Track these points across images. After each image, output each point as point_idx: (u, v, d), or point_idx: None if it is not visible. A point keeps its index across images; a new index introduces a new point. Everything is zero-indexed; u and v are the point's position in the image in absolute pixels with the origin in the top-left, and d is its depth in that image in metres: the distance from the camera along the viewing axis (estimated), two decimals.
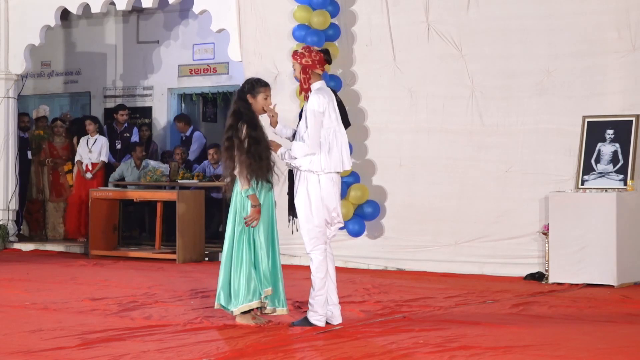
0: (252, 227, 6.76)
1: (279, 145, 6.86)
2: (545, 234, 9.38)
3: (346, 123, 7.09)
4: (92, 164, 13.39)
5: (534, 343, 6.10)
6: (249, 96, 6.90)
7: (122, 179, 13.06)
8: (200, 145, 13.97)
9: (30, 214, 13.99)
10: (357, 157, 10.78)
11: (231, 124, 6.84)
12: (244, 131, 6.75)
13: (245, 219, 6.73)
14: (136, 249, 12.50)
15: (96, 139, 13.47)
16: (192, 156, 13.66)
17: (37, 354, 5.82)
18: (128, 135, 13.90)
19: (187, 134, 14.11)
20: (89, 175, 13.34)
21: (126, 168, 13.13)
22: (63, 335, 6.41)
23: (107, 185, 13.14)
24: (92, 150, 13.42)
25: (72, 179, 13.54)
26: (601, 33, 9.58)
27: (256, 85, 6.97)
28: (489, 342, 6.10)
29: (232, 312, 6.79)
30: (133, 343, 6.16)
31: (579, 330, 6.64)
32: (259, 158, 6.74)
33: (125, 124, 14.02)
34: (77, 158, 13.43)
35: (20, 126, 13.58)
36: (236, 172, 6.74)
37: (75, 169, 13.52)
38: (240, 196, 6.78)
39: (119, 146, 13.89)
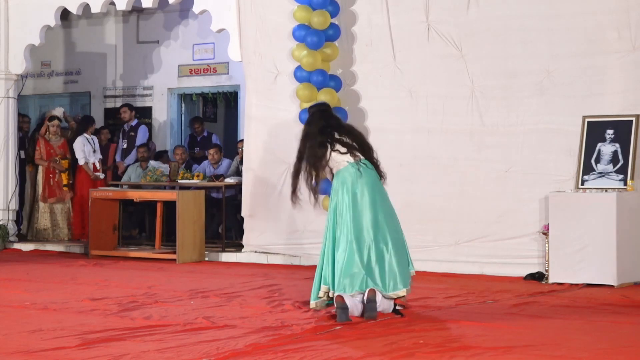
0: None
1: None
2: (545, 234, 9.38)
3: None
4: (99, 162, 13.49)
5: (534, 343, 6.10)
6: None
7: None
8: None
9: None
10: None
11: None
12: None
13: None
14: (136, 249, 12.50)
15: (94, 139, 13.56)
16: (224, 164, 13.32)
17: (37, 354, 5.82)
18: (134, 134, 13.95)
19: (205, 134, 14.23)
20: (102, 175, 13.41)
21: (133, 171, 13.23)
22: (63, 335, 6.41)
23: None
24: (96, 149, 13.51)
25: (67, 179, 13.49)
26: (601, 33, 9.57)
27: None
28: (489, 342, 6.10)
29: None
30: (133, 343, 6.16)
31: (579, 330, 6.64)
32: None
33: (133, 123, 14.06)
34: (80, 160, 13.40)
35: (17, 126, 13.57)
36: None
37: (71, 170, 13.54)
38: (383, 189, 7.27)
39: (125, 145, 13.94)
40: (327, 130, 7.25)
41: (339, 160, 7.20)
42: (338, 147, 7.19)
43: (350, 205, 7.08)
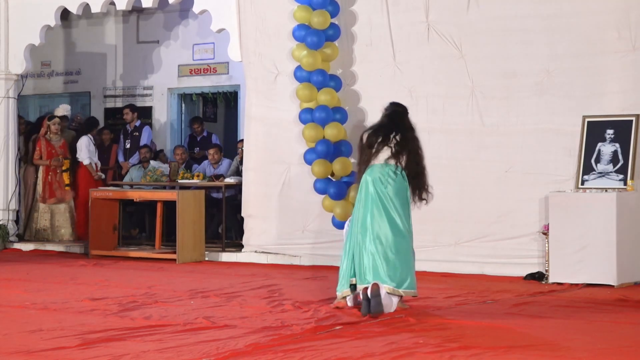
0: None
1: None
2: (545, 234, 9.38)
3: None
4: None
5: (534, 343, 6.10)
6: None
7: None
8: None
9: None
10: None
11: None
12: None
13: None
14: (136, 249, 12.50)
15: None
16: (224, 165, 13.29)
17: (37, 354, 5.82)
18: (137, 134, 13.97)
19: (205, 134, 14.27)
20: (102, 175, 13.44)
21: (134, 171, 13.25)
22: (63, 335, 6.41)
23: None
24: (95, 150, 13.55)
25: (68, 178, 13.47)
26: (601, 33, 9.57)
27: None
28: (489, 342, 6.10)
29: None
30: (133, 343, 6.16)
31: (579, 330, 6.64)
32: None
33: (136, 124, 14.09)
34: (85, 160, 13.40)
35: None
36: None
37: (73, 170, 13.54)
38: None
39: (128, 145, 13.96)
40: (391, 129, 7.53)
41: (380, 156, 7.46)
42: (389, 144, 7.46)
43: (374, 202, 7.34)
